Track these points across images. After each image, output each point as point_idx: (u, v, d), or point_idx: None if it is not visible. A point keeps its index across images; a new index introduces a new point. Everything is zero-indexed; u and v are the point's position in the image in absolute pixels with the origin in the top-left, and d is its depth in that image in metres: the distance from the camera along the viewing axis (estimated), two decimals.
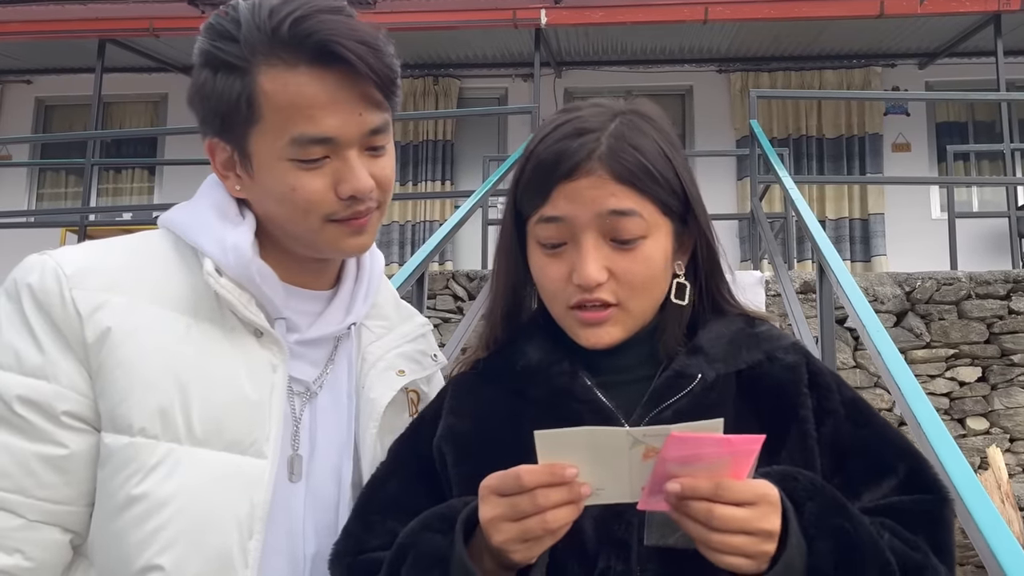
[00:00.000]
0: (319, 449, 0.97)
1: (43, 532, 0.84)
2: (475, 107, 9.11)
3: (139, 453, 0.85)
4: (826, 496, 0.81)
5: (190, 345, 0.89)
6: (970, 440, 4.81)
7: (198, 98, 0.93)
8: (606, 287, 0.89)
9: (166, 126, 9.22)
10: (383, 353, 1.05)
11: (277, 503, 0.91)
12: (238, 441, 0.89)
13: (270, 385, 0.92)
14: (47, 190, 9.76)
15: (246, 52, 0.88)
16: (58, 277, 0.88)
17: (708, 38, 8.48)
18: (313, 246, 0.96)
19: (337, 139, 0.89)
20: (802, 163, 8.72)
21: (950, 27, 8.02)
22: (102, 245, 0.95)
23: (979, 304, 4.98)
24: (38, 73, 9.54)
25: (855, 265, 8.47)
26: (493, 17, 7.78)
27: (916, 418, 1.90)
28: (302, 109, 0.87)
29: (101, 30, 8.16)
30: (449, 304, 5.34)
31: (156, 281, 0.92)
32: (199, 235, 0.94)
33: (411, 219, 8.94)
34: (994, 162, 8.55)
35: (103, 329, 0.86)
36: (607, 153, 0.89)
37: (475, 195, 4.39)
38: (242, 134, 0.91)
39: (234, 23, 0.90)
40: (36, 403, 0.84)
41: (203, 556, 0.85)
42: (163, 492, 0.84)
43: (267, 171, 0.91)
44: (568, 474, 0.73)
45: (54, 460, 0.84)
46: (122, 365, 0.86)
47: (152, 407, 0.86)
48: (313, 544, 0.95)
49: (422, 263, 3.06)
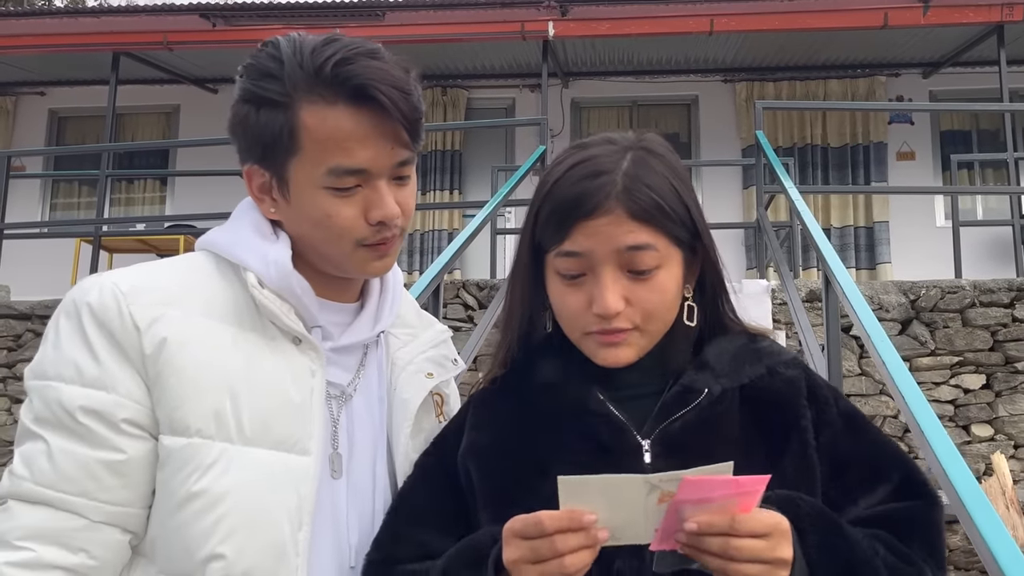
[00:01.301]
0: (356, 448, 1.06)
1: (105, 532, 0.92)
2: (482, 117, 9.19)
3: (197, 453, 0.93)
4: (827, 521, 0.88)
5: (237, 353, 0.98)
6: (975, 447, 4.86)
7: (240, 129, 1.01)
8: (624, 315, 0.96)
9: (178, 138, 9.32)
10: (411, 358, 1.14)
11: (322, 498, 0.99)
12: (284, 440, 0.97)
13: (310, 389, 1.00)
14: (60, 200, 9.87)
15: (289, 89, 0.96)
16: (115, 295, 0.96)
17: (714, 49, 8.56)
18: (341, 267, 1.05)
19: (369, 170, 0.98)
20: (807, 172, 8.78)
21: (953, 37, 8.08)
22: (150, 266, 1.04)
23: (983, 312, 5.03)
24: (52, 85, 9.64)
25: (860, 272, 8.52)
26: (502, 29, 7.87)
27: (919, 425, 1.96)
28: (339, 142, 0.96)
29: (115, 43, 8.26)
30: (460, 313, 5.41)
31: (203, 296, 1.00)
32: (243, 252, 1.02)
33: (419, 228, 9.02)
34: (998, 170, 8.60)
35: (160, 340, 0.94)
36: (623, 193, 0.95)
37: (488, 206, 4.46)
38: (282, 163, 0.99)
39: (276, 62, 0.98)
40: (97, 412, 0.92)
41: (259, 546, 0.93)
42: (220, 487, 0.92)
43: (304, 197, 0.99)
44: (586, 520, 0.78)
45: (114, 465, 0.92)
46: (178, 373, 0.94)
47: (207, 410, 0.94)
48: (356, 534, 1.03)
49: (438, 274, 3.13)
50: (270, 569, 0.93)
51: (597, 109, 9.43)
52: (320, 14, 8.05)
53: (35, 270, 7.88)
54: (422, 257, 8.90)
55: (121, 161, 9.55)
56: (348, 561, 1.02)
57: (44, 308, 5.62)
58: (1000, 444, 4.85)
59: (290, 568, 0.94)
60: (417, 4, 8.13)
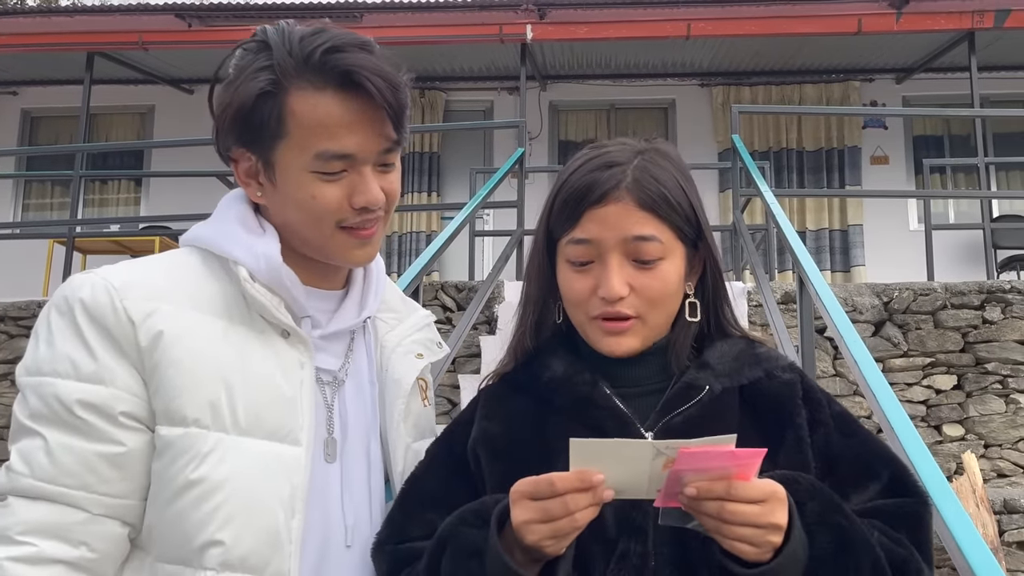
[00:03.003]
0: (350, 431, 1.08)
1: (105, 525, 0.93)
2: (461, 119, 9.20)
3: (195, 442, 0.94)
4: (825, 496, 0.92)
5: (229, 346, 0.99)
6: (946, 446, 4.93)
7: (227, 114, 1.02)
8: (627, 301, 1.01)
9: (153, 138, 9.24)
10: (400, 340, 1.17)
11: (315, 483, 1.01)
12: (276, 430, 0.99)
13: (299, 380, 1.02)
14: (33, 201, 9.75)
15: (278, 75, 0.99)
16: (108, 290, 0.97)
17: (691, 53, 8.62)
18: (323, 250, 1.06)
19: (355, 155, 1.01)
20: (783, 175, 8.87)
21: (926, 44, 8.21)
22: (139, 262, 1.05)
23: (955, 314, 5.11)
24: (24, 84, 9.52)
25: (835, 275, 8.62)
26: (480, 32, 7.88)
27: (891, 425, 1.99)
28: (327, 128, 0.99)
29: (90, 43, 8.18)
30: (439, 315, 5.41)
31: (192, 290, 1.02)
32: (231, 246, 1.03)
33: (397, 230, 9.00)
34: (969, 175, 8.72)
35: (156, 332, 0.96)
36: (632, 184, 1.01)
37: (466, 208, 4.46)
38: (269, 147, 1.01)
39: (264, 49, 1.01)
40: (95, 406, 0.93)
41: (254, 533, 0.94)
42: (217, 476, 0.94)
43: (290, 180, 1.01)
44: (596, 480, 0.83)
45: (113, 457, 0.93)
46: (175, 364, 0.95)
47: (203, 401, 0.95)
48: (352, 516, 1.06)
49: (416, 276, 3.13)
50: (265, 555, 0.95)
51: (575, 112, 9.47)
52: (297, 15, 8.02)
53: (7, 271, 7.79)
54: (400, 259, 8.89)
55: (95, 161, 9.45)
56: (344, 541, 1.04)
57: (17, 310, 5.55)
58: (971, 444, 4.92)
59: (284, 555, 0.96)
60: (395, 6, 8.12)
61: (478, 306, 4.48)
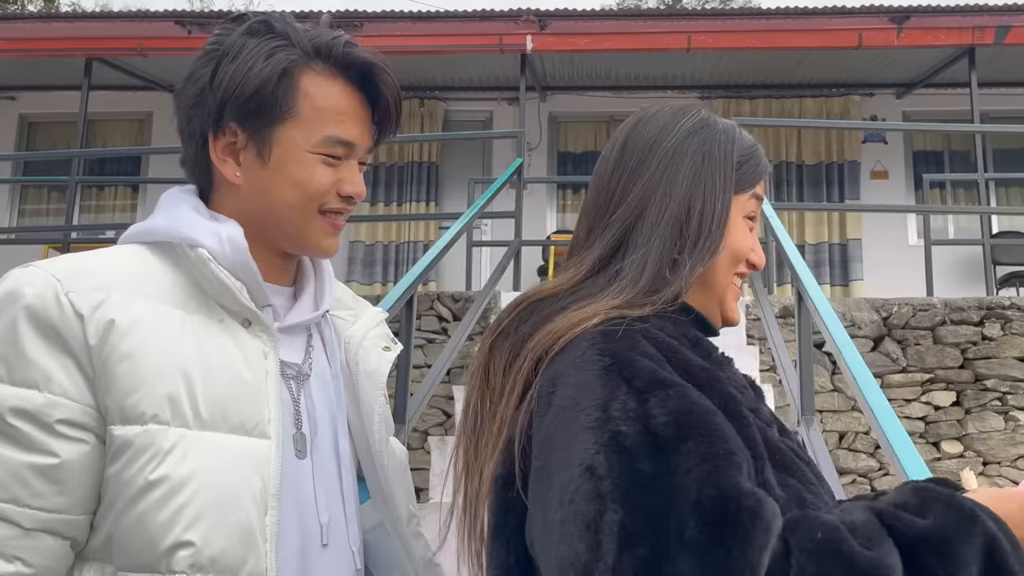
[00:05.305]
0: (319, 427, 1.04)
1: (40, 540, 0.87)
2: (460, 129, 9.20)
3: (154, 439, 0.88)
4: None
5: (187, 336, 0.93)
6: (944, 463, 4.89)
7: (219, 86, 1.00)
8: None
9: (151, 145, 9.23)
10: (364, 333, 1.15)
11: (288, 479, 0.96)
12: (242, 423, 0.93)
13: (264, 371, 0.97)
14: (29, 206, 9.73)
15: (297, 54, 1.01)
16: (50, 284, 0.90)
17: (691, 66, 8.62)
18: (299, 233, 1.04)
19: (355, 146, 1.04)
20: (782, 189, 8.86)
21: (926, 59, 8.21)
22: (80, 255, 0.98)
23: (954, 330, 5.08)
24: (23, 90, 9.51)
25: (834, 289, 8.60)
26: (480, 42, 7.89)
27: (890, 442, 1.96)
28: (336, 114, 1.02)
29: (88, 49, 8.16)
30: (434, 325, 5.37)
31: (143, 279, 0.96)
32: (191, 230, 0.98)
33: (396, 240, 8.97)
34: (969, 191, 8.72)
35: (106, 323, 0.89)
36: None
37: (463, 217, 4.44)
38: (268, 124, 1.00)
39: (280, 30, 1.02)
40: (28, 413, 0.86)
41: (226, 532, 0.89)
42: (181, 473, 0.87)
43: (289, 158, 1.01)
44: None
45: (46, 469, 0.87)
46: (128, 358, 0.89)
47: (161, 395, 0.89)
48: (326, 514, 1.01)
49: (411, 285, 3.10)
50: (239, 555, 0.89)
51: (575, 123, 9.47)
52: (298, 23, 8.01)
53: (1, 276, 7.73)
54: (397, 268, 8.85)
55: (92, 167, 9.43)
56: (320, 540, 1.00)
57: None
58: (969, 461, 4.88)
59: (259, 553, 0.91)
60: (395, 15, 8.13)
61: (474, 316, 4.45)
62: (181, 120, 1.05)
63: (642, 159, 1.01)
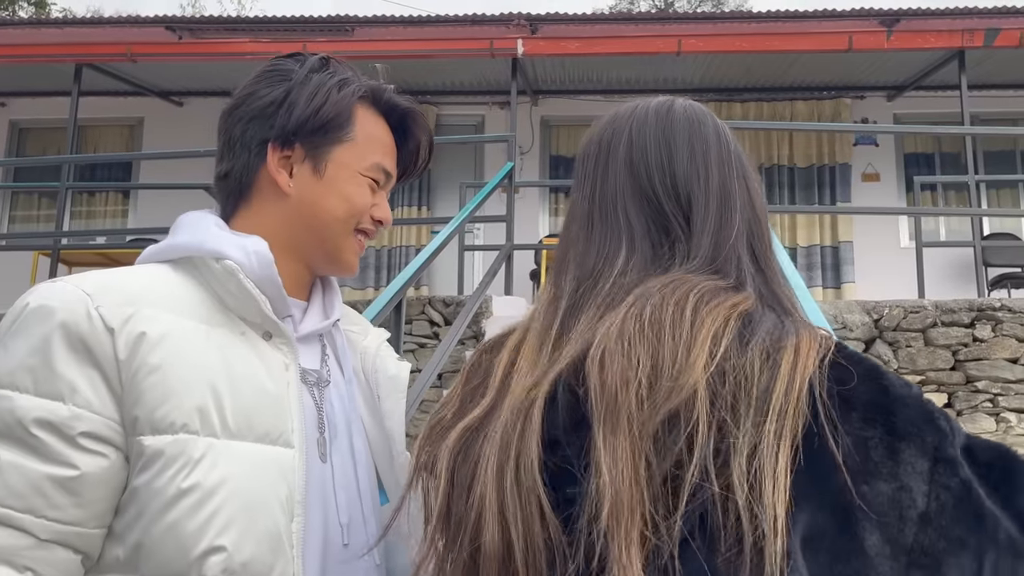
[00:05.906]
0: (338, 430, 1.08)
1: (55, 552, 0.87)
2: (452, 133, 9.18)
3: (185, 448, 0.89)
4: None
5: (212, 349, 0.96)
6: None
7: (287, 108, 1.11)
8: None
9: (141, 150, 9.20)
10: (377, 345, 1.22)
11: (312, 484, 1.00)
12: (267, 433, 0.96)
13: (286, 383, 1.01)
14: (19, 212, 9.69)
15: (356, 90, 1.15)
16: (81, 299, 0.92)
17: (682, 69, 8.64)
18: (334, 246, 1.14)
19: (392, 177, 1.19)
20: (774, 191, 8.87)
21: (916, 62, 8.24)
22: (104, 272, 1.00)
23: (945, 332, 5.08)
24: (12, 96, 9.49)
25: (826, 291, 8.60)
26: (471, 47, 7.88)
27: None
28: (383, 147, 1.17)
29: (78, 55, 8.15)
30: (425, 329, 5.36)
31: (167, 294, 0.98)
32: (217, 243, 1.02)
33: (387, 244, 8.97)
34: (960, 193, 8.74)
35: (137, 335, 0.92)
36: None
37: (454, 221, 4.43)
38: (327, 144, 1.12)
39: (325, 67, 1.15)
40: (52, 424, 0.87)
41: (256, 538, 0.91)
42: (212, 480, 0.90)
43: (341, 176, 1.13)
44: None
45: (65, 482, 0.87)
46: (158, 370, 0.91)
47: (190, 406, 0.92)
48: (346, 515, 1.05)
49: (400, 289, 3.08)
50: (267, 561, 0.91)
51: (566, 127, 9.47)
52: (288, 28, 8.01)
53: None
54: (388, 272, 8.84)
55: (83, 173, 9.40)
56: (341, 540, 1.03)
57: None
58: None
59: (287, 559, 0.93)
60: (386, 20, 8.12)
61: (464, 320, 4.44)
62: (234, 131, 1.12)
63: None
